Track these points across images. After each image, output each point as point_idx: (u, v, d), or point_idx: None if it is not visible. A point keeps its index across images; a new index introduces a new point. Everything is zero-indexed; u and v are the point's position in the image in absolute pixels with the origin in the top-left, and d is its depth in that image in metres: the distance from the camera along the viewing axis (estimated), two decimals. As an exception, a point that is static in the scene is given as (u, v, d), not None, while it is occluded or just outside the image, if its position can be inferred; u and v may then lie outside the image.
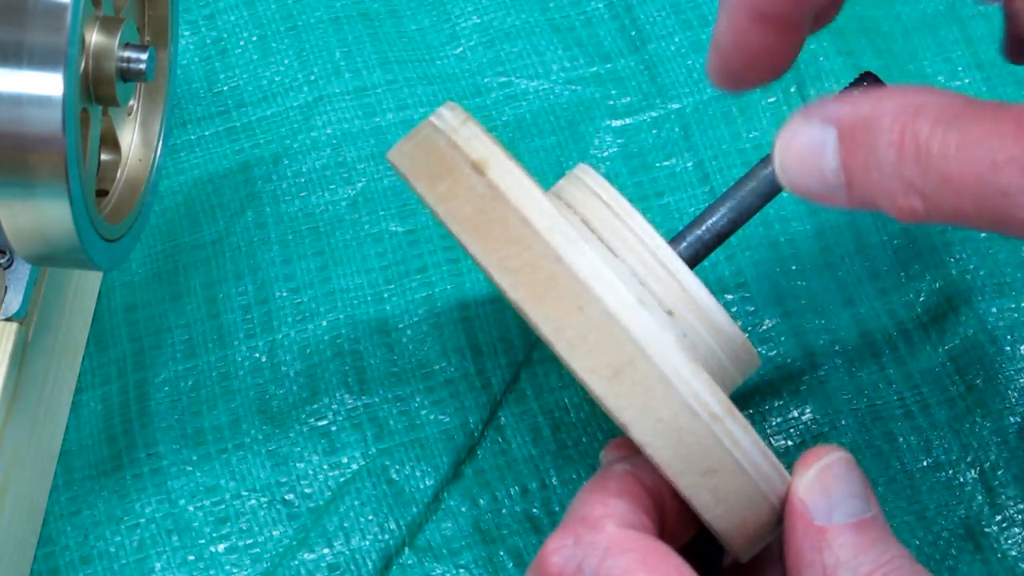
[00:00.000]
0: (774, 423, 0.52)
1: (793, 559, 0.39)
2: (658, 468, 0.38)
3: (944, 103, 0.35)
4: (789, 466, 0.51)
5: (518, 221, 0.38)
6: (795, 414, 0.52)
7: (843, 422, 0.52)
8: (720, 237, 0.43)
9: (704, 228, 0.43)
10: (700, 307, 0.40)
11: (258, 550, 0.51)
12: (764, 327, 0.53)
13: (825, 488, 0.39)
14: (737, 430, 0.38)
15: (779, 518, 0.39)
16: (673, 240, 0.43)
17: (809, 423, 0.52)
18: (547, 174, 0.58)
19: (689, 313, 0.40)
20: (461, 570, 0.50)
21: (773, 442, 0.52)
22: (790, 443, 0.51)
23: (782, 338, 0.53)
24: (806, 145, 0.37)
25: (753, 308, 0.54)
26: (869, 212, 0.38)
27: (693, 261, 0.43)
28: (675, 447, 0.37)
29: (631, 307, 0.37)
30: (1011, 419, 0.51)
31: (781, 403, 0.52)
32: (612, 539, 0.38)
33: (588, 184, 0.41)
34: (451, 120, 0.41)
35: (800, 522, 0.39)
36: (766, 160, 0.42)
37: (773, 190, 0.42)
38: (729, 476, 0.38)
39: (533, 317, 0.37)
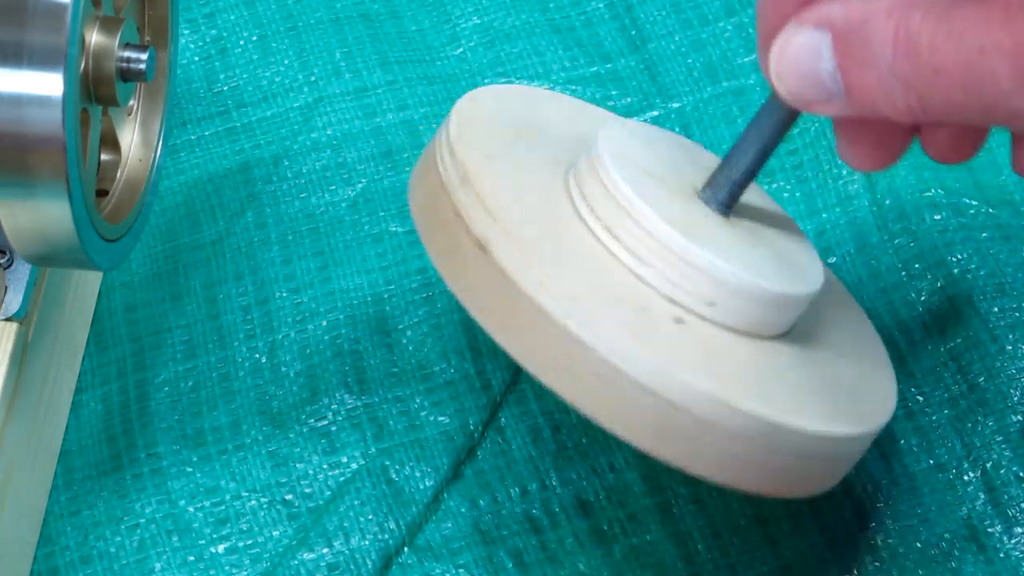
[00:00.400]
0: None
1: None
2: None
3: None
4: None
5: (532, 308, 0.38)
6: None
7: (844, 423, 0.52)
8: (751, 175, 0.42)
9: (734, 169, 0.42)
10: (737, 288, 0.40)
11: (258, 550, 0.50)
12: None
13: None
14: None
15: None
16: (706, 187, 0.42)
17: (810, 423, 0.52)
18: (547, 174, 0.58)
19: (729, 298, 0.40)
20: (461, 570, 0.50)
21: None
22: (791, 443, 0.51)
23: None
24: (801, 50, 0.36)
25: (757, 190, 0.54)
26: (871, 118, 0.37)
27: (729, 203, 0.42)
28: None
29: (647, 375, 0.37)
30: (1013, 418, 0.51)
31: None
32: None
33: (603, 176, 0.41)
34: (452, 175, 0.41)
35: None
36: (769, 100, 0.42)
37: (792, 115, 0.42)
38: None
39: (568, 398, 0.38)
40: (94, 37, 0.43)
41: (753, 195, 0.45)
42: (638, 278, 0.40)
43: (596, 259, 0.40)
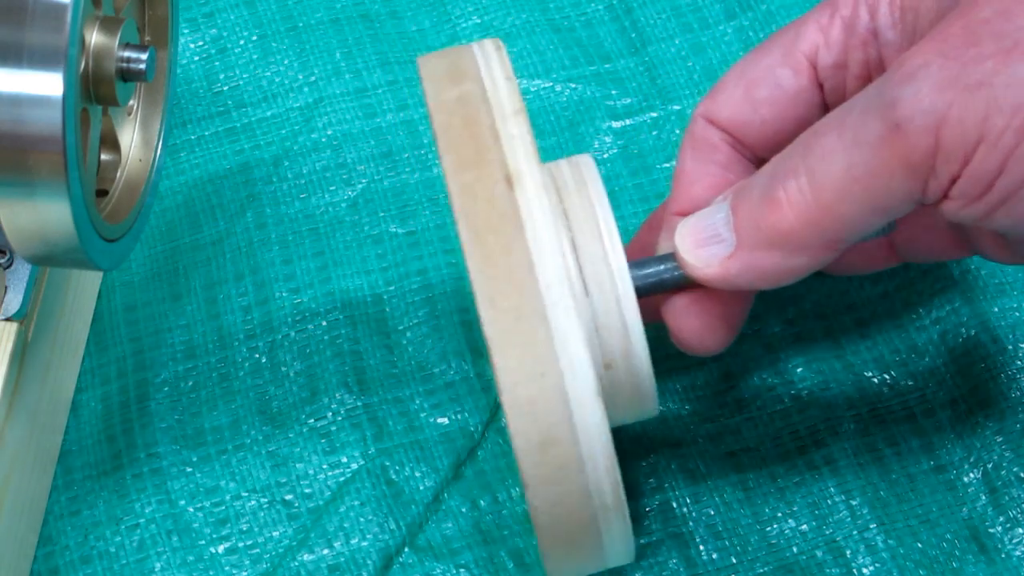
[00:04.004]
0: (776, 427, 0.52)
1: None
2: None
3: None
4: (793, 467, 0.51)
5: (523, 262, 0.37)
6: (797, 418, 0.52)
7: (844, 426, 0.52)
8: (678, 285, 0.43)
9: (666, 268, 0.42)
10: (635, 366, 0.40)
11: (258, 551, 0.50)
12: (767, 333, 0.53)
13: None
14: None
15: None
16: (634, 264, 0.42)
17: (811, 427, 0.52)
18: (548, 175, 0.58)
19: (623, 368, 0.40)
20: (461, 570, 0.50)
21: (775, 445, 0.52)
22: (792, 447, 0.51)
23: (785, 343, 0.53)
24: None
25: (756, 314, 0.54)
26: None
27: (643, 293, 0.42)
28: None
29: (589, 397, 0.37)
30: (1014, 419, 0.51)
31: (783, 407, 0.52)
32: None
33: (590, 202, 0.41)
34: (504, 102, 0.40)
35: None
36: None
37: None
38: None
39: (495, 359, 0.37)
40: (94, 37, 0.43)
41: None
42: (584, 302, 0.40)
43: (559, 248, 0.39)
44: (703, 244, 0.41)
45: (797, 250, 0.40)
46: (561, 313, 0.37)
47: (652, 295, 0.43)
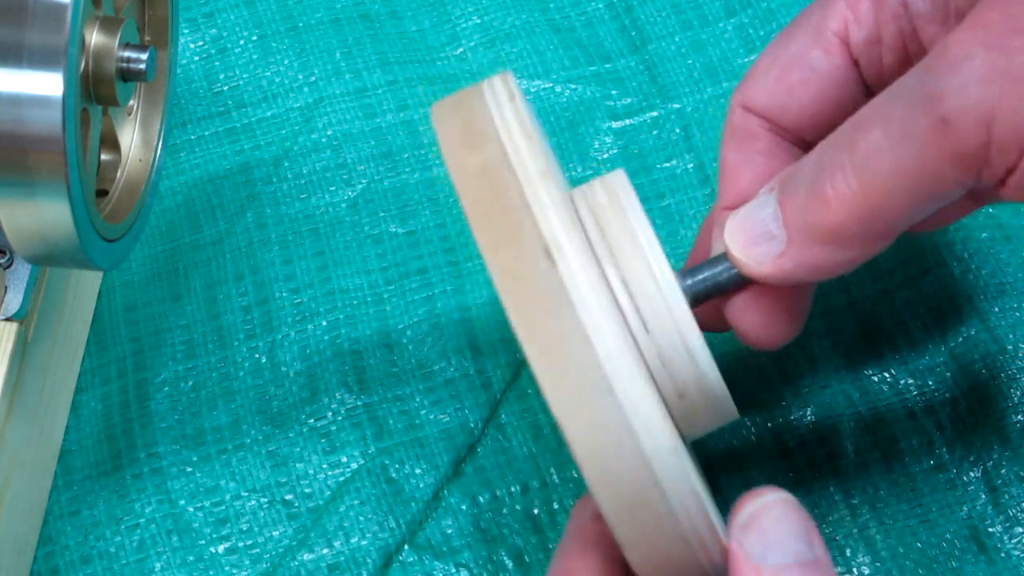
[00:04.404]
0: (776, 425, 0.52)
1: None
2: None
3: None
4: (793, 466, 0.51)
5: (579, 338, 0.37)
6: (797, 417, 0.52)
7: (845, 425, 0.52)
8: (735, 284, 0.42)
9: (721, 269, 0.42)
10: (708, 389, 0.40)
11: (258, 550, 0.50)
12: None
13: (760, 527, 0.38)
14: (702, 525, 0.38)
15: None
16: (685, 274, 0.42)
17: (811, 426, 0.52)
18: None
19: (695, 393, 0.40)
20: (461, 568, 0.50)
21: (775, 445, 0.52)
22: (792, 445, 0.51)
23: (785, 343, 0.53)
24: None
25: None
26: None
27: (701, 300, 0.42)
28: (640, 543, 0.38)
29: (668, 452, 0.37)
30: (1014, 418, 0.51)
31: (784, 405, 0.52)
32: None
33: (633, 233, 0.40)
34: (529, 165, 0.38)
35: (735, 562, 0.38)
36: None
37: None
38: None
39: (567, 436, 0.37)
40: (94, 37, 0.43)
41: None
42: (636, 343, 0.39)
43: (612, 309, 0.39)
44: (754, 242, 0.41)
45: (849, 243, 0.39)
46: (625, 381, 0.36)
47: (712, 299, 0.42)
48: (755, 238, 0.40)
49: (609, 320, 0.37)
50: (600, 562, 0.39)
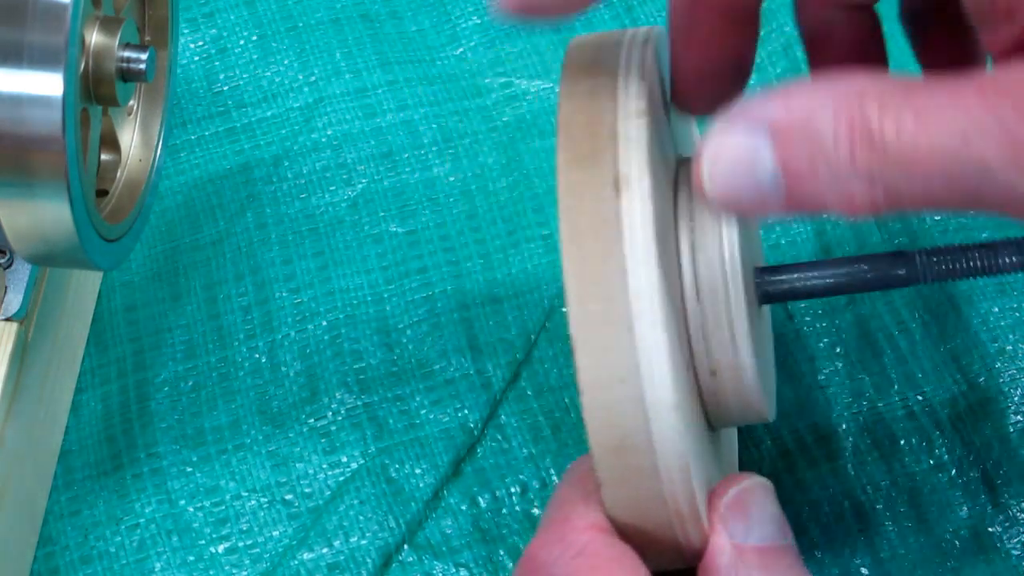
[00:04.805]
0: (775, 425, 0.52)
1: None
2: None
3: (883, 85, 0.32)
4: (793, 466, 0.51)
5: (617, 269, 0.37)
6: (797, 416, 0.52)
7: (845, 425, 0.52)
8: (810, 294, 0.42)
9: (801, 281, 0.42)
10: (741, 377, 0.40)
11: (258, 550, 0.50)
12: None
13: (743, 509, 0.38)
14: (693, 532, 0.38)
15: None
16: (761, 271, 0.42)
17: (811, 426, 0.52)
18: (548, 176, 0.57)
19: (728, 378, 0.40)
20: (461, 568, 0.50)
21: (775, 446, 0.52)
22: (791, 446, 0.51)
23: (784, 342, 0.53)
24: (738, 152, 0.34)
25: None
26: (803, 216, 0.36)
27: (769, 300, 0.42)
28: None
29: (667, 408, 0.37)
30: (1014, 418, 0.51)
31: (783, 407, 0.52)
32: (590, 542, 0.38)
33: (724, 231, 0.40)
34: (632, 101, 0.38)
35: (718, 540, 0.38)
36: (899, 255, 0.41)
37: (891, 282, 0.41)
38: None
39: (577, 358, 0.37)
40: (94, 37, 0.43)
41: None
42: (684, 306, 0.40)
43: (672, 264, 0.39)
44: (740, 196, 0.35)
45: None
46: (647, 324, 0.36)
47: (782, 302, 0.42)
48: (744, 193, 0.35)
49: (650, 261, 0.37)
50: (601, 513, 0.39)
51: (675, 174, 0.41)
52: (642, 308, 0.37)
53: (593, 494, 0.39)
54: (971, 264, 0.41)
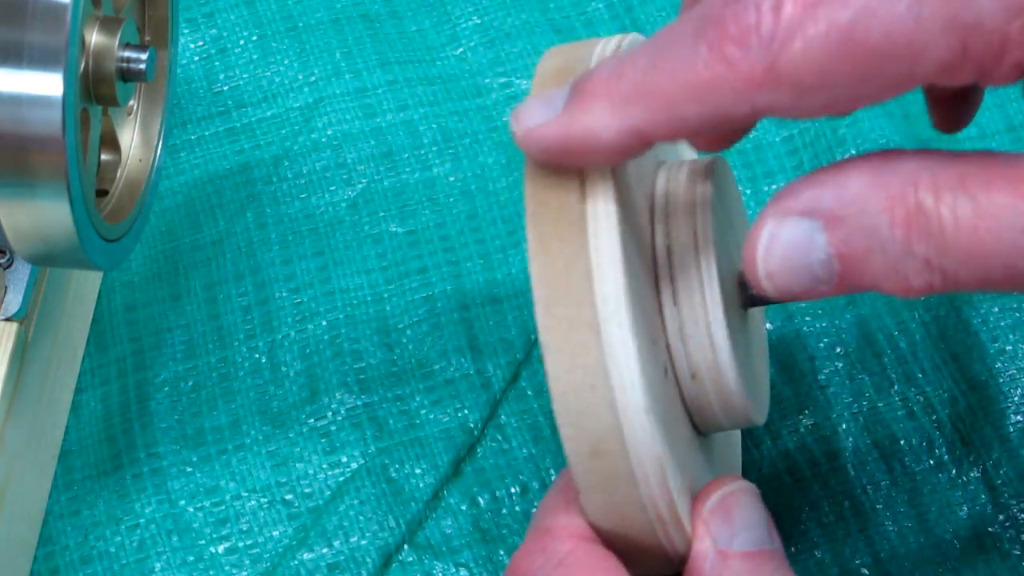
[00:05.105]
0: (775, 426, 0.52)
1: None
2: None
3: (936, 168, 0.33)
4: (793, 466, 0.51)
5: (584, 274, 0.37)
6: (797, 418, 0.52)
7: (845, 425, 0.52)
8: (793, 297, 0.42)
9: None
10: (722, 381, 0.40)
11: (258, 550, 0.50)
12: (766, 331, 0.53)
13: (727, 514, 0.38)
14: (676, 534, 0.38)
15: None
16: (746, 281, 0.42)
17: (811, 426, 0.52)
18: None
19: (709, 380, 0.40)
20: (461, 568, 0.50)
21: (775, 446, 0.52)
22: (791, 446, 0.51)
23: (784, 342, 0.53)
24: (792, 240, 0.34)
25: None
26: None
27: (753, 305, 0.42)
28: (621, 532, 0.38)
29: (638, 413, 0.37)
30: (1014, 418, 0.51)
31: (783, 407, 0.52)
32: (572, 552, 0.38)
33: (694, 210, 0.40)
34: None
35: (701, 546, 0.38)
36: None
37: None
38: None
39: (547, 365, 0.37)
40: (94, 37, 0.43)
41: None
42: (660, 311, 0.40)
43: (646, 269, 0.39)
44: (793, 281, 0.36)
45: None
46: (615, 328, 0.36)
47: (768, 304, 0.42)
48: (796, 278, 0.35)
49: (616, 265, 0.37)
50: (583, 522, 0.39)
51: (653, 177, 0.41)
52: (609, 312, 0.37)
53: (575, 502, 0.39)
54: None
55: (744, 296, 0.42)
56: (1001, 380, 0.52)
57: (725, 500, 0.39)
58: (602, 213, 0.37)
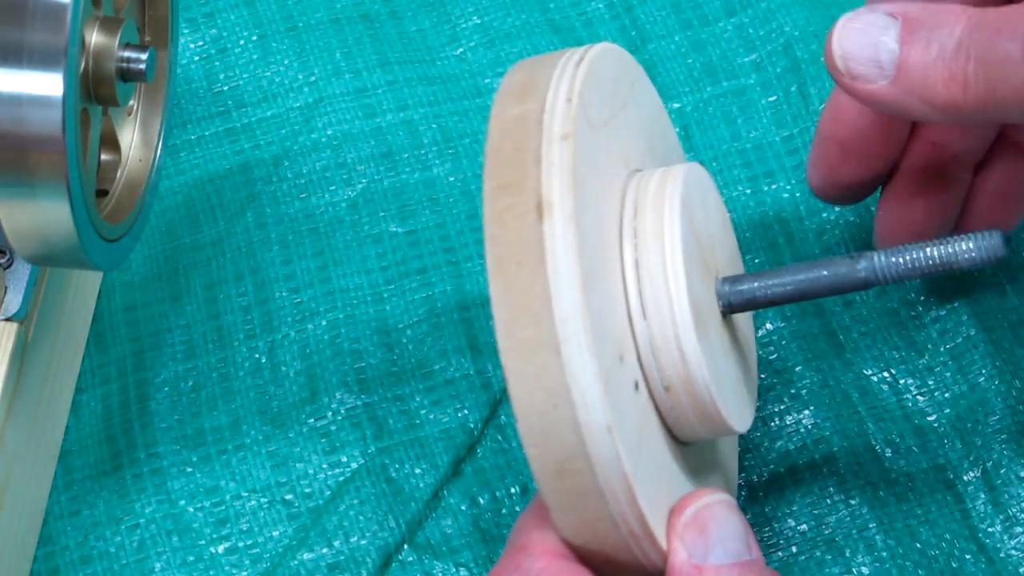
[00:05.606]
0: (774, 427, 0.52)
1: None
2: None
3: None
4: (792, 466, 0.51)
5: (542, 295, 0.37)
6: (796, 418, 0.52)
7: (843, 425, 0.52)
8: (774, 303, 0.42)
9: (763, 289, 0.42)
10: (695, 391, 0.40)
11: (258, 550, 0.50)
12: (764, 331, 0.53)
13: (702, 527, 0.39)
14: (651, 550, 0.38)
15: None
16: (727, 281, 0.42)
17: (810, 427, 0.52)
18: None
19: (682, 392, 0.40)
20: (461, 568, 0.50)
21: (775, 447, 0.52)
22: (791, 447, 0.51)
23: (782, 341, 0.53)
24: (870, 27, 0.40)
25: (752, 312, 0.54)
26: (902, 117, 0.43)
27: (735, 310, 0.42)
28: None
29: (601, 431, 0.37)
30: (1013, 418, 0.51)
31: (782, 407, 0.52)
32: (545, 569, 0.38)
33: (662, 222, 0.40)
34: (556, 125, 0.39)
35: (676, 560, 0.38)
36: (857, 256, 0.42)
37: (852, 285, 0.42)
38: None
39: (510, 388, 0.37)
40: (94, 37, 0.43)
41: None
42: (631, 325, 0.40)
43: (614, 284, 0.39)
44: (860, 63, 0.40)
45: (957, 119, 0.40)
46: (574, 347, 0.37)
47: (747, 311, 0.43)
48: (863, 60, 0.40)
49: (574, 285, 0.37)
50: (557, 539, 0.39)
51: (624, 187, 0.41)
52: (568, 332, 0.37)
53: (549, 519, 0.39)
54: (930, 260, 0.41)
55: (723, 303, 0.42)
56: (1001, 380, 0.52)
57: (700, 514, 0.39)
58: (559, 234, 0.37)
